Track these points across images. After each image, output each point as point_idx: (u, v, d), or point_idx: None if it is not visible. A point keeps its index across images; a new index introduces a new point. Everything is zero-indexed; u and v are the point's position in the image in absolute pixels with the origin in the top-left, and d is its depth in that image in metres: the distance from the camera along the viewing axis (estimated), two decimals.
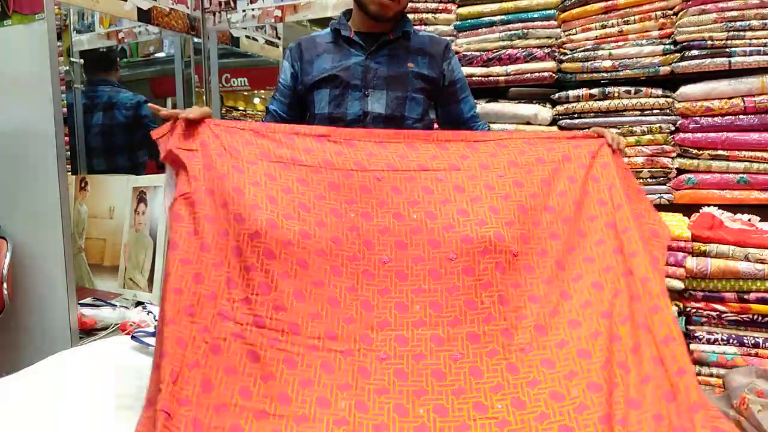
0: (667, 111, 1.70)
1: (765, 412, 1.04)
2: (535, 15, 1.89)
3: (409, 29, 1.51)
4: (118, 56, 2.96)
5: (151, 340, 1.50)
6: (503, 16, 1.94)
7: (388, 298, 1.14)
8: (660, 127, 1.70)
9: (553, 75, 1.86)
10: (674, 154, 1.70)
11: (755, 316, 1.34)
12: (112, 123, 2.60)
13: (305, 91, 1.49)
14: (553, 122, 1.86)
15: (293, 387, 0.98)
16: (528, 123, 1.89)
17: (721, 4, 1.61)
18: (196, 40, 2.66)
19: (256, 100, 5.80)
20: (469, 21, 2.00)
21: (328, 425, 0.94)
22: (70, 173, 2.42)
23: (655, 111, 1.70)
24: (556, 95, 1.85)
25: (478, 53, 1.96)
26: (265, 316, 1.04)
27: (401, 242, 1.20)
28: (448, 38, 1.98)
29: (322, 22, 2.70)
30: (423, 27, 2.03)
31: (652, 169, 1.72)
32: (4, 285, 1.75)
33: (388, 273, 1.17)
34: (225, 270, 1.10)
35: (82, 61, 2.74)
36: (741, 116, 1.61)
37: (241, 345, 1.01)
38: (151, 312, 1.78)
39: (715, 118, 1.63)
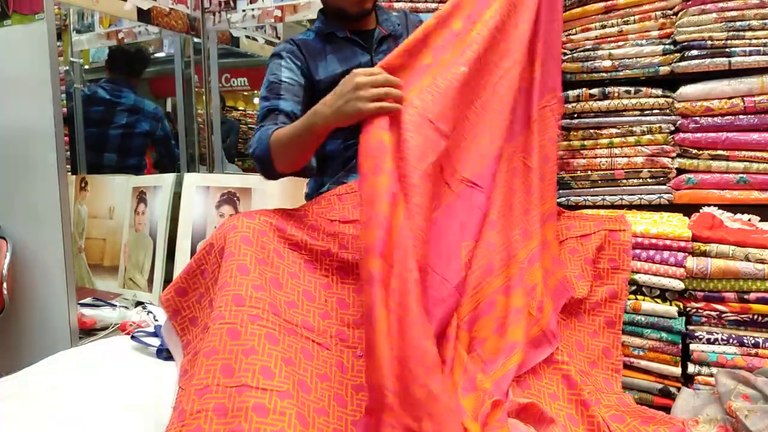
0: (667, 111, 1.69)
1: (751, 415, 1.05)
2: None
3: (392, 20, 1.49)
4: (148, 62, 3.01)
5: (151, 340, 1.51)
6: None
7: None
8: (660, 127, 1.70)
9: None
10: (674, 154, 1.70)
11: (755, 316, 1.34)
12: (134, 127, 2.74)
13: (317, 92, 1.36)
14: None
15: (276, 362, 0.94)
16: None
17: (721, 4, 1.61)
18: (196, 40, 2.66)
19: (256, 100, 5.80)
20: None
21: (309, 410, 0.93)
22: (70, 173, 2.43)
23: (655, 111, 1.70)
24: None
25: None
26: (244, 295, 1.00)
27: None
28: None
29: None
30: None
31: (652, 169, 1.72)
32: (4, 285, 1.75)
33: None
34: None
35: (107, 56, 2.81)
36: (741, 116, 1.61)
37: (220, 325, 0.97)
38: (151, 312, 1.78)
39: (715, 118, 1.63)
